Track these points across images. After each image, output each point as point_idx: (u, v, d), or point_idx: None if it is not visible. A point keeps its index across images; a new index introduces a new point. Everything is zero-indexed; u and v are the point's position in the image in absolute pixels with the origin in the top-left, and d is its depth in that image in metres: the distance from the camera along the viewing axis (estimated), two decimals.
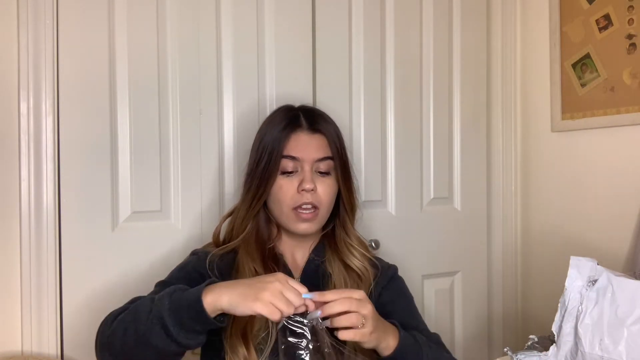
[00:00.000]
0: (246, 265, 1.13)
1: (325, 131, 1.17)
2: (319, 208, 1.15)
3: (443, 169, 1.81)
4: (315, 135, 1.15)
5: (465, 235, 1.87)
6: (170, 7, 1.42)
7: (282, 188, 1.13)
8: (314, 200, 1.13)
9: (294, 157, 1.13)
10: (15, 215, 1.28)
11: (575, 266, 1.14)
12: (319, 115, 1.20)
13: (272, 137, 1.14)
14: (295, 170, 1.14)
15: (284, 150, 1.13)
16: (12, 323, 1.28)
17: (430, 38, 1.78)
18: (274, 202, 1.15)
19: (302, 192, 1.12)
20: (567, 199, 1.79)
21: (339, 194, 1.20)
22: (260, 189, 1.14)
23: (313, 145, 1.14)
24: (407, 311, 1.22)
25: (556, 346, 1.13)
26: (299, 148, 1.13)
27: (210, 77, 1.47)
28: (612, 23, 1.64)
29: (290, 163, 1.13)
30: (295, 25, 1.57)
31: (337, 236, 1.22)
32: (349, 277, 1.19)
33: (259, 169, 1.14)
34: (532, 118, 1.91)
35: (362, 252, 1.22)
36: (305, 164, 1.13)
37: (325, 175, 1.16)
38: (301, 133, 1.14)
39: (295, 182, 1.13)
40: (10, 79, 1.27)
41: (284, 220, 1.16)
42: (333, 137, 1.18)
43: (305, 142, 1.14)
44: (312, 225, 1.16)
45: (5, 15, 1.27)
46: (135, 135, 1.38)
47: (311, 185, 1.12)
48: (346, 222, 1.22)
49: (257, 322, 1.07)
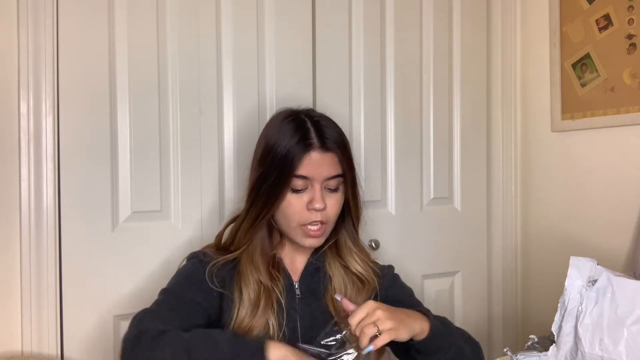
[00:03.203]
0: (250, 276, 1.12)
1: (337, 150, 1.14)
2: (327, 224, 1.15)
3: (443, 169, 1.82)
4: (327, 154, 1.12)
5: (465, 235, 1.87)
6: (170, 7, 1.42)
7: (291, 204, 1.12)
8: (323, 217, 1.13)
9: (305, 177, 1.11)
10: (15, 215, 1.28)
11: (575, 266, 1.14)
12: (329, 129, 1.15)
13: (283, 154, 1.10)
14: (305, 188, 1.12)
15: (296, 170, 1.10)
16: (12, 323, 1.28)
17: (430, 38, 1.78)
18: (282, 217, 1.14)
19: (311, 210, 1.11)
20: (567, 199, 1.79)
21: (345, 202, 1.19)
22: (268, 205, 1.12)
23: (325, 164, 1.12)
24: (411, 303, 1.23)
25: (556, 346, 1.13)
26: (310, 168, 1.10)
27: (210, 77, 1.47)
28: (612, 23, 1.64)
29: (300, 182, 1.11)
30: (295, 25, 1.57)
31: (341, 242, 1.22)
32: (349, 281, 1.20)
33: (267, 184, 1.11)
34: (532, 118, 1.91)
35: (365, 259, 1.23)
36: (316, 182, 1.11)
37: (333, 192, 1.15)
38: (313, 153, 1.11)
39: (305, 198, 1.11)
40: (10, 79, 1.28)
41: (291, 234, 1.15)
42: (343, 154, 1.15)
43: (317, 162, 1.11)
44: (319, 240, 1.16)
45: (5, 15, 1.27)
46: (135, 135, 1.38)
47: (322, 205, 1.11)
48: (352, 230, 1.23)
49: (257, 328, 1.08)
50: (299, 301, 1.16)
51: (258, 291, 1.11)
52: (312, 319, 1.15)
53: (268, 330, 1.09)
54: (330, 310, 1.17)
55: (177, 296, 1.09)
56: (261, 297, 1.11)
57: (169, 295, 1.10)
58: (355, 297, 1.18)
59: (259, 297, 1.11)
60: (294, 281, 1.18)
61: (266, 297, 1.11)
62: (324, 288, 1.19)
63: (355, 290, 1.19)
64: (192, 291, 1.09)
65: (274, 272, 1.15)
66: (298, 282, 1.18)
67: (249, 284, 1.12)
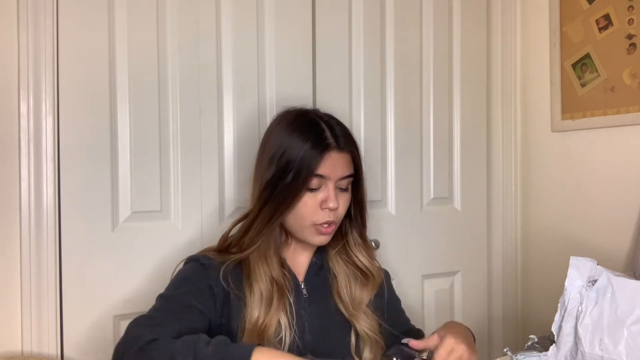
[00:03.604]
0: (263, 273, 1.12)
1: (351, 149, 1.15)
2: (336, 222, 1.16)
3: (443, 169, 1.81)
4: (343, 154, 1.14)
5: (465, 235, 1.87)
6: (170, 7, 1.42)
7: (306, 204, 1.12)
8: (335, 217, 1.14)
9: (322, 176, 1.11)
10: (15, 215, 1.28)
11: (575, 266, 1.14)
12: (341, 128, 1.17)
13: (301, 155, 1.10)
14: (319, 187, 1.13)
15: (316, 170, 1.10)
16: (12, 323, 1.28)
17: (430, 38, 1.78)
18: (295, 216, 1.13)
19: (325, 210, 1.12)
20: (567, 199, 1.79)
21: (353, 201, 1.20)
22: (284, 205, 1.12)
23: (341, 164, 1.13)
24: (400, 311, 1.33)
25: (556, 346, 1.13)
26: (328, 167, 1.11)
27: (210, 76, 1.47)
28: (612, 23, 1.64)
29: (316, 180, 1.11)
30: (295, 25, 1.57)
31: (350, 241, 1.23)
32: (352, 276, 1.21)
33: (283, 183, 1.10)
34: (532, 118, 1.91)
35: (371, 255, 1.25)
36: (330, 182, 1.12)
37: (344, 191, 1.16)
38: (332, 152, 1.12)
39: (319, 197, 1.12)
40: (10, 79, 1.27)
41: (302, 232, 1.15)
42: (356, 153, 1.17)
43: (335, 161, 1.12)
44: (329, 238, 1.17)
45: (5, 15, 1.27)
46: (135, 135, 1.38)
47: (336, 204, 1.12)
48: (360, 228, 1.24)
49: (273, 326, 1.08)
50: (306, 300, 1.16)
51: (271, 288, 1.11)
52: (320, 318, 1.16)
53: (279, 330, 1.09)
54: (338, 307, 1.18)
55: (175, 301, 1.06)
56: (274, 294, 1.10)
57: (166, 301, 1.07)
58: (360, 292, 1.20)
59: (271, 294, 1.10)
60: (299, 281, 1.18)
61: (279, 295, 1.11)
62: (330, 286, 1.20)
63: (359, 285, 1.21)
64: (190, 296, 1.07)
65: (284, 271, 1.15)
66: (303, 282, 1.19)
67: (261, 280, 1.11)
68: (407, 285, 1.73)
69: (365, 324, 1.18)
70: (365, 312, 1.19)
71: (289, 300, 1.12)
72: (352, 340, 1.17)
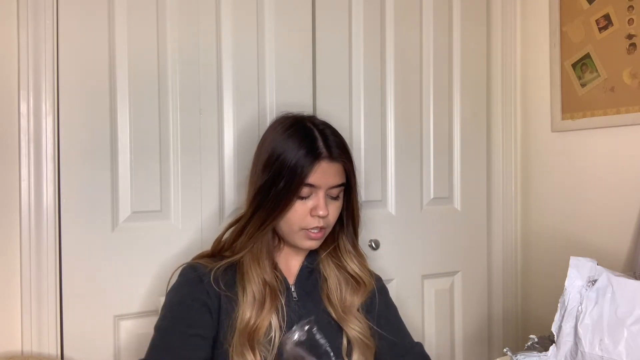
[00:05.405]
0: (255, 275, 1.13)
1: (343, 160, 1.16)
2: (326, 228, 1.17)
3: (443, 169, 1.81)
4: (334, 164, 1.15)
5: (465, 235, 1.87)
6: (170, 8, 1.42)
7: (297, 211, 1.13)
8: (324, 223, 1.15)
9: (313, 185, 1.13)
10: (15, 215, 1.28)
11: (575, 266, 1.14)
12: (334, 138, 1.18)
13: (293, 162, 1.11)
14: (309, 195, 1.14)
15: (307, 179, 1.12)
16: (12, 323, 1.28)
17: (430, 38, 1.78)
18: (285, 222, 1.15)
19: (314, 216, 1.14)
20: (567, 199, 1.79)
21: (345, 208, 1.21)
22: (275, 212, 1.13)
23: (332, 174, 1.14)
24: (397, 323, 1.28)
25: (556, 346, 1.13)
26: (319, 177, 1.12)
27: (210, 77, 1.47)
28: (612, 23, 1.64)
29: (307, 189, 1.13)
30: (295, 26, 1.57)
31: (341, 247, 1.24)
32: (343, 280, 1.22)
33: (275, 190, 1.12)
34: (532, 118, 1.91)
35: (362, 262, 1.25)
36: (320, 190, 1.13)
37: (335, 199, 1.17)
38: (323, 162, 1.13)
39: (309, 205, 1.14)
40: (10, 79, 1.27)
41: (291, 236, 1.17)
42: (348, 163, 1.18)
43: (325, 171, 1.13)
44: (318, 243, 1.18)
45: (5, 15, 1.27)
46: (135, 135, 1.38)
47: (325, 212, 1.13)
48: (352, 235, 1.24)
49: (264, 327, 1.09)
50: (296, 303, 1.17)
51: (263, 290, 1.12)
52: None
53: (269, 331, 1.10)
54: (327, 310, 1.19)
55: (174, 333, 1.08)
56: (266, 297, 1.12)
57: (165, 334, 1.09)
58: (351, 296, 1.21)
59: (263, 296, 1.12)
60: (289, 284, 1.19)
61: (271, 297, 1.12)
62: (320, 289, 1.21)
63: (350, 289, 1.21)
64: (188, 323, 1.08)
65: (277, 273, 1.17)
66: (294, 284, 1.20)
67: (254, 282, 1.12)
68: (407, 286, 1.73)
69: (355, 328, 1.18)
70: (356, 316, 1.20)
71: (281, 303, 1.14)
72: (344, 343, 1.18)
